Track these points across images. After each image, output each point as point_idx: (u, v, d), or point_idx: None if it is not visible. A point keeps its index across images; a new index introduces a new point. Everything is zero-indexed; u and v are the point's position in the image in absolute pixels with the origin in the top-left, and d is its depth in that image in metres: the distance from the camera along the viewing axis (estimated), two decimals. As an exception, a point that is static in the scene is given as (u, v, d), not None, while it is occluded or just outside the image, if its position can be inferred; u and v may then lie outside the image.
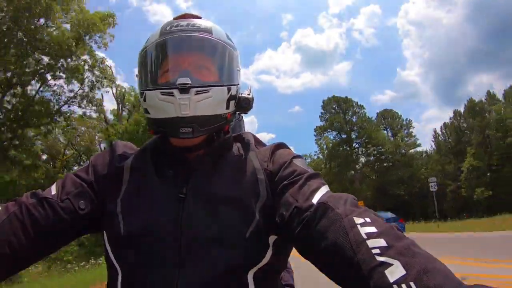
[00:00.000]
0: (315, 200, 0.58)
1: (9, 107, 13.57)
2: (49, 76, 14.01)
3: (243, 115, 1.25)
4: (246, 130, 1.08)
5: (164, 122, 0.67)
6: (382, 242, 0.46)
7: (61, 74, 13.94)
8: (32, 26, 12.18)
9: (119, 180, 0.69)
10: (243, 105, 0.74)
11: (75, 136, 20.76)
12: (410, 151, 36.77)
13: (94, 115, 18.35)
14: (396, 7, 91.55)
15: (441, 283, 0.40)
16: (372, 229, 0.49)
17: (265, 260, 0.62)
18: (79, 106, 15.79)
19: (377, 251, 0.45)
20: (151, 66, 0.71)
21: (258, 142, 0.78)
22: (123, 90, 21.75)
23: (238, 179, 0.67)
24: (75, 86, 14.98)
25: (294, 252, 0.65)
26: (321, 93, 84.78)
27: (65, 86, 14.79)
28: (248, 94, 0.75)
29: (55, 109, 14.69)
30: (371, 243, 0.47)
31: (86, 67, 14.64)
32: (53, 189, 0.69)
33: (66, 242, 0.70)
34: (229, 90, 0.69)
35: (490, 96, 32.17)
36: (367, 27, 75.57)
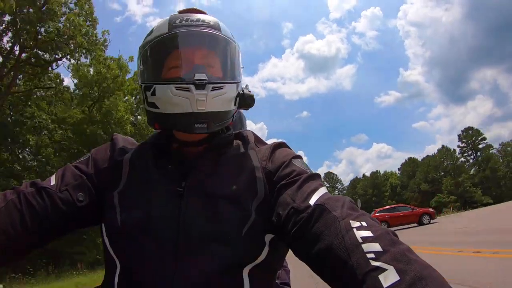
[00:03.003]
0: (312, 201, 0.57)
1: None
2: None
3: (246, 116, 1.29)
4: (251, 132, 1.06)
5: (177, 117, 0.66)
6: (377, 247, 0.46)
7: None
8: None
9: (119, 173, 0.69)
10: (248, 101, 0.73)
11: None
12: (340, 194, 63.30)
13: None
14: (396, 8, 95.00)
15: None
16: (368, 233, 0.48)
17: (260, 258, 0.62)
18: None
19: (372, 255, 0.45)
20: (161, 59, 0.69)
21: (259, 141, 0.77)
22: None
23: (236, 176, 0.66)
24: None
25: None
26: (327, 97, 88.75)
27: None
28: (249, 91, 0.75)
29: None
30: (366, 247, 0.46)
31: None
32: (53, 180, 0.68)
33: (63, 234, 0.70)
34: (237, 87, 0.71)
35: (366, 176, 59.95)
36: (369, 29, 77.02)
